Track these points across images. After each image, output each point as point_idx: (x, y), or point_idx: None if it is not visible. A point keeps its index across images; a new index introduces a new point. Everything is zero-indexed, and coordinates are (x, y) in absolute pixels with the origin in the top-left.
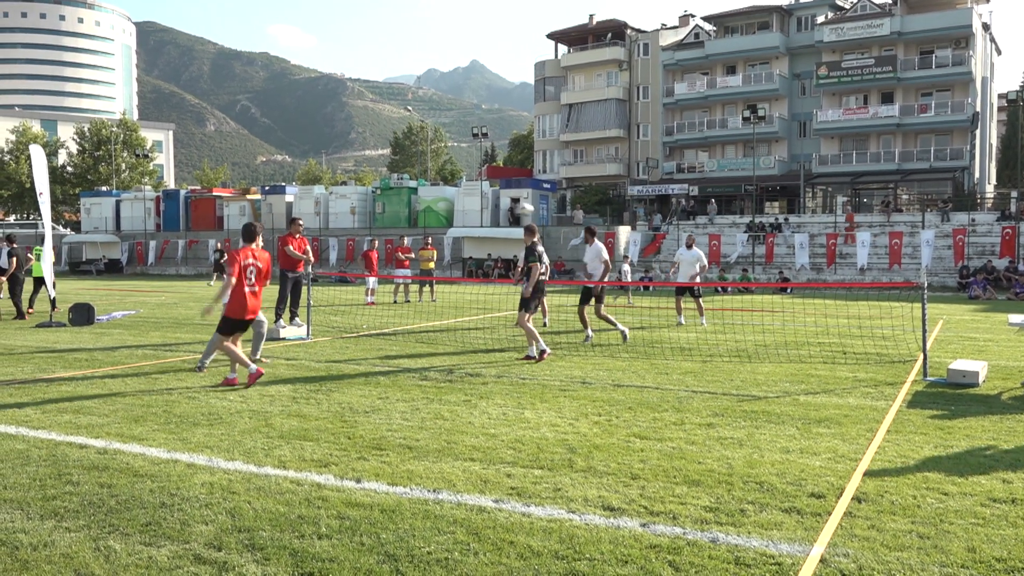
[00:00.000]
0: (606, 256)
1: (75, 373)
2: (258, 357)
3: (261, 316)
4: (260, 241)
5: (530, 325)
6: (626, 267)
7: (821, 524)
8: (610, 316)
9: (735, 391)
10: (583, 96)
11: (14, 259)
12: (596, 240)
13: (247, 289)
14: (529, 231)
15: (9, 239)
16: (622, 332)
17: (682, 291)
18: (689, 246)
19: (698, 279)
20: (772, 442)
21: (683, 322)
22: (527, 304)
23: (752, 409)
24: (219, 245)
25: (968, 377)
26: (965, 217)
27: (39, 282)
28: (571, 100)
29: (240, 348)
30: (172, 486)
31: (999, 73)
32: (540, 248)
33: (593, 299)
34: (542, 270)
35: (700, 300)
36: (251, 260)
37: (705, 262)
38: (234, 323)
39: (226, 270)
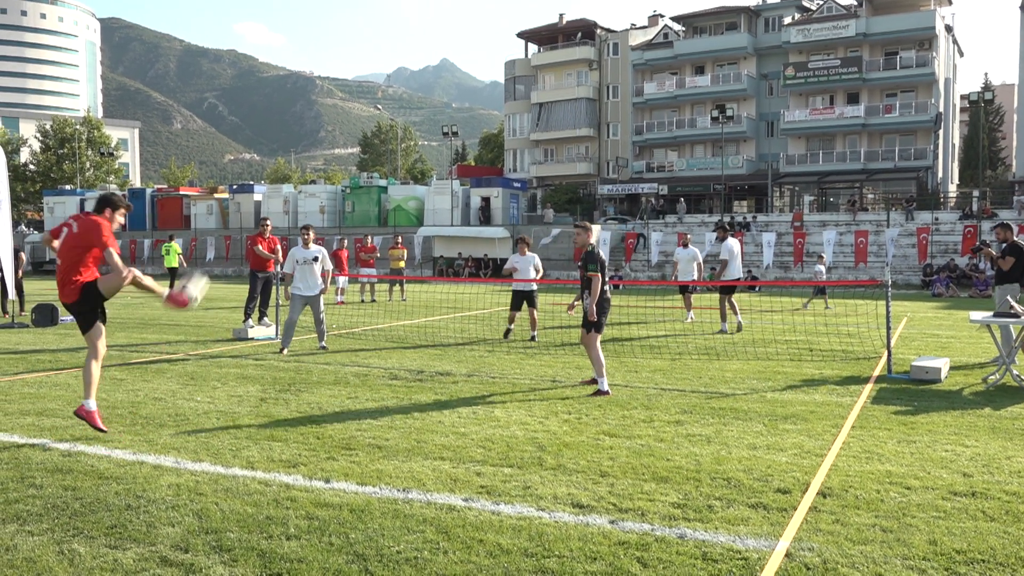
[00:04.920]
0: (733, 253)
1: (38, 375)
2: (323, 345)
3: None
4: (120, 216)
5: (600, 353)
6: (820, 267)
7: (787, 519)
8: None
9: (703, 388)
10: (553, 95)
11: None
12: (729, 238)
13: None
14: (583, 229)
15: None
16: (723, 327)
17: (684, 288)
18: (685, 245)
19: (695, 275)
20: (739, 439)
21: (693, 319)
22: (596, 326)
23: (720, 406)
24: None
25: (931, 373)
26: (928, 216)
27: (173, 272)
28: (541, 99)
29: (94, 367)
30: (138, 488)
31: (961, 75)
32: (600, 252)
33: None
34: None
35: (690, 297)
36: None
37: (701, 259)
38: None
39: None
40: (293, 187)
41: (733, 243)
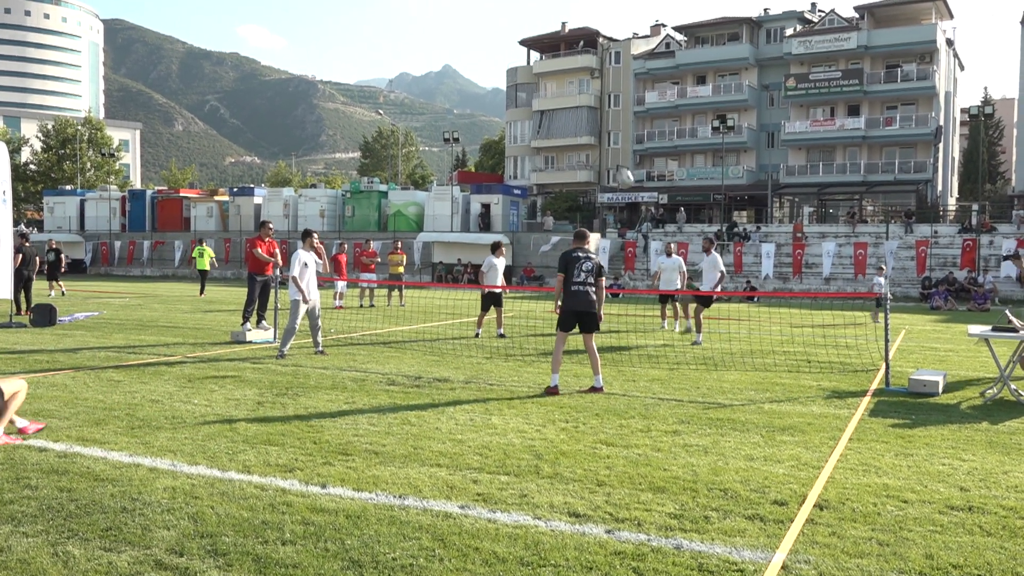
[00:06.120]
0: (722, 267)
1: (35, 375)
2: (320, 349)
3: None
4: None
5: (558, 350)
6: (879, 279)
7: (783, 531)
8: (701, 321)
9: (701, 399)
10: (555, 103)
11: (19, 255)
12: (713, 251)
13: None
14: (575, 237)
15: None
16: (697, 339)
17: (665, 298)
18: (669, 254)
19: (679, 284)
20: (737, 449)
21: (665, 327)
22: (558, 321)
23: (717, 417)
24: (54, 243)
25: (928, 387)
26: (928, 229)
27: (203, 274)
28: (543, 107)
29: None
30: (134, 491)
31: (961, 88)
32: (578, 254)
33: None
34: (579, 279)
35: (679, 304)
36: None
37: (685, 268)
38: None
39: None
40: (293, 191)
41: (717, 256)
